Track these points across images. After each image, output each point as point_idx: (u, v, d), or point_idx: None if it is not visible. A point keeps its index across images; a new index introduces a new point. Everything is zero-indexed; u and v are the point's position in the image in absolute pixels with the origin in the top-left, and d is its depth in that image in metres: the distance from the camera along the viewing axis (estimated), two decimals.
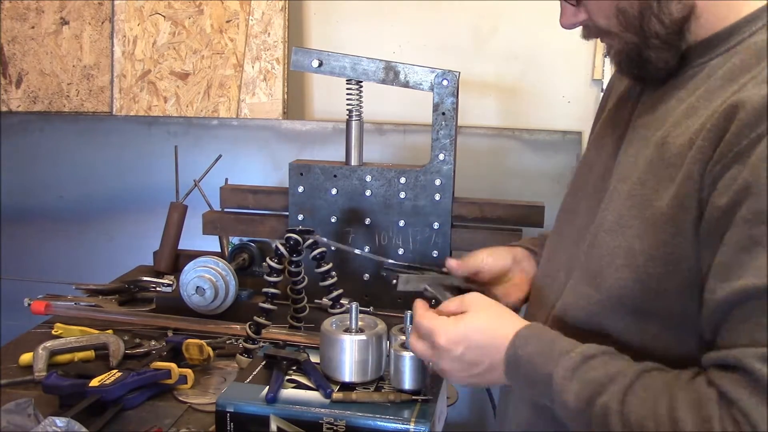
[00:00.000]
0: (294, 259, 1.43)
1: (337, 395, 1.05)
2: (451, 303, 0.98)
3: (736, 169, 0.75)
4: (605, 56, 2.14)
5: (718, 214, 0.76)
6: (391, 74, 1.58)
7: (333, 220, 1.66)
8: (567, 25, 0.94)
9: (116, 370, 1.24)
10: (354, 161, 1.65)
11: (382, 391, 1.08)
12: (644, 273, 0.84)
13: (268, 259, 1.40)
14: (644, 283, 0.84)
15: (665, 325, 0.85)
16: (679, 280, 0.82)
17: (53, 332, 1.47)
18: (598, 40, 0.96)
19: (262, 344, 1.36)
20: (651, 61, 0.88)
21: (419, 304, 1.00)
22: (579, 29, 0.96)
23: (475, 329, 0.92)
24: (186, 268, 1.56)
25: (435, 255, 1.62)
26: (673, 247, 0.81)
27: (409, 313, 1.11)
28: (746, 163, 0.74)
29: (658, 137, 0.87)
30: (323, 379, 1.09)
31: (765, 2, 0.85)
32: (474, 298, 0.97)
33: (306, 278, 1.47)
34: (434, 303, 1.02)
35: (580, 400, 0.82)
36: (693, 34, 0.87)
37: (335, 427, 1.02)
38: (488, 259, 1.13)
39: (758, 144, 0.74)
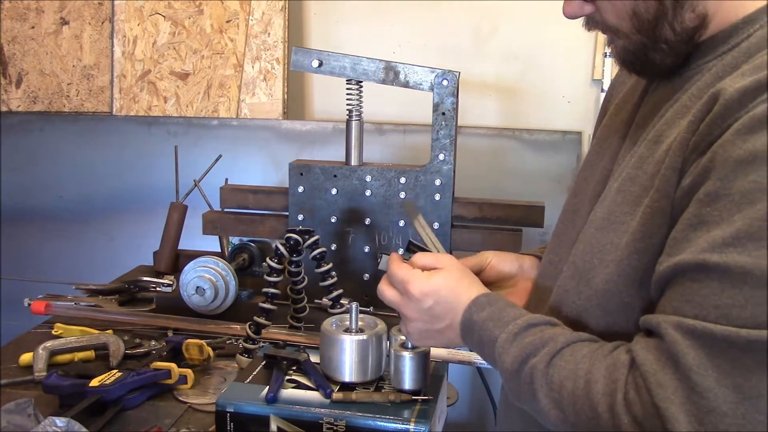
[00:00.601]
0: (294, 259, 1.43)
1: (337, 395, 1.05)
2: (425, 257, 1.01)
3: (704, 156, 0.77)
4: (606, 56, 2.12)
5: (681, 194, 0.79)
6: (391, 74, 1.58)
7: (333, 220, 1.66)
8: (570, 15, 0.93)
9: (116, 370, 1.24)
10: (354, 161, 1.65)
11: (382, 391, 1.08)
12: (628, 266, 0.85)
13: (268, 259, 1.41)
14: (628, 276, 0.85)
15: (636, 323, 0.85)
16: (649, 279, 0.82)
17: (53, 332, 1.47)
18: (598, 39, 0.96)
19: (262, 344, 1.36)
20: (656, 62, 0.89)
21: (395, 256, 1.04)
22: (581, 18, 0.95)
23: (445, 286, 0.96)
24: (186, 268, 1.56)
25: None
26: (657, 238, 0.82)
27: None
28: (711, 149, 0.76)
29: (652, 136, 0.88)
30: (323, 379, 1.10)
31: (763, 3, 0.85)
32: (447, 258, 1.00)
33: (306, 278, 1.47)
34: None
35: (514, 361, 0.86)
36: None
37: (335, 427, 1.02)
38: (494, 260, 1.14)
39: (726, 132, 0.75)
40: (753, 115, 0.74)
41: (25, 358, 1.35)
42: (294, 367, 1.15)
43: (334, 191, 1.65)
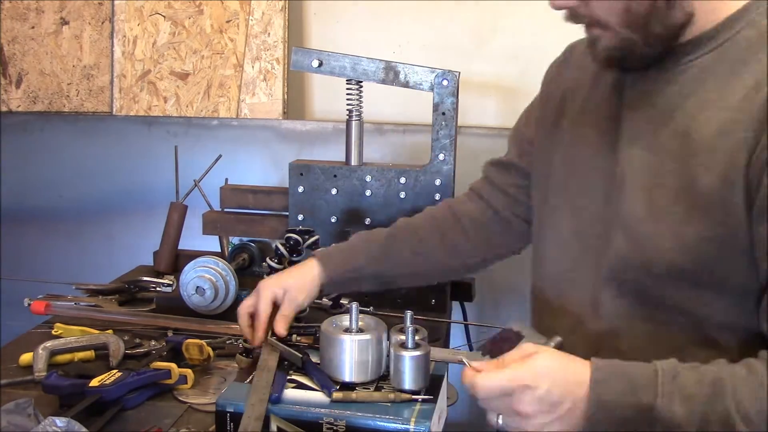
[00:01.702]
0: (294, 259, 1.43)
1: (336, 395, 1.05)
2: (511, 354, 0.89)
3: None
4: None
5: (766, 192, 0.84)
6: (391, 74, 1.58)
7: (333, 220, 1.66)
8: (558, 7, 0.94)
9: (116, 370, 1.23)
10: (354, 161, 1.65)
11: (382, 391, 1.08)
12: (696, 252, 0.89)
13: (268, 259, 1.41)
14: (697, 262, 0.89)
15: (720, 293, 0.91)
16: (733, 254, 0.88)
17: (53, 332, 1.47)
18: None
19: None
20: (641, 57, 0.93)
21: (468, 370, 0.90)
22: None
23: (553, 366, 0.86)
24: (186, 268, 1.56)
25: None
26: (725, 227, 0.87)
27: (409, 313, 1.11)
28: None
29: (674, 130, 0.92)
30: (326, 377, 1.09)
31: (743, 3, 0.92)
32: (531, 345, 0.90)
33: None
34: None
35: (691, 417, 0.82)
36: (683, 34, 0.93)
37: (335, 427, 1.02)
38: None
39: None
40: None
41: (25, 358, 1.35)
42: (295, 367, 1.15)
43: (334, 191, 1.65)
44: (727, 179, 0.86)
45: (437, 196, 1.61)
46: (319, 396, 1.07)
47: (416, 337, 1.09)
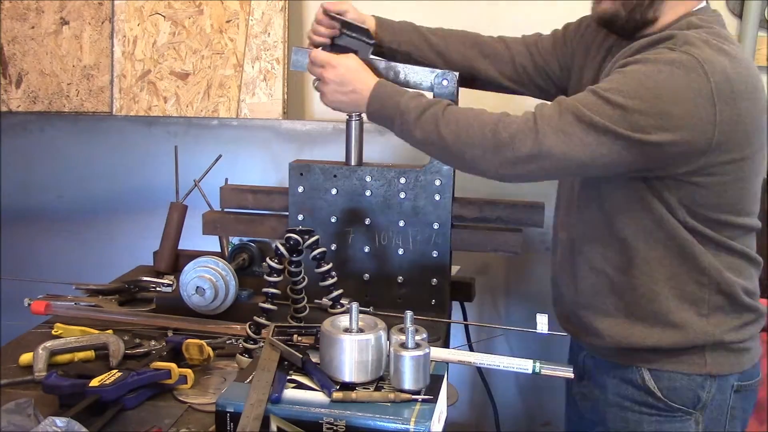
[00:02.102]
0: (294, 259, 1.43)
1: (336, 395, 1.05)
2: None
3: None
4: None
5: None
6: (391, 74, 1.58)
7: (333, 220, 1.66)
8: None
9: (116, 370, 1.23)
10: (354, 161, 1.65)
11: (382, 391, 1.08)
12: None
13: (268, 259, 1.41)
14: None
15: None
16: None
17: (53, 332, 1.47)
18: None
19: (261, 344, 1.36)
20: (620, 27, 1.37)
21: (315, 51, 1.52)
22: None
23: (356, 64, 1.48)
24: (186, 268, 1.56)
25: (435, 255, 1.63)
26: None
27: (409, 313, 1.11)
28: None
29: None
30: (326, 377, 1.09)
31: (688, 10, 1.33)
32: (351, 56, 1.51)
33: (306, 278, 1.47)
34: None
35: (417, 110, 1.36)
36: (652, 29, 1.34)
37: (335, 427, 1.02)
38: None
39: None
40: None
41: (25, 358, 1.35)
42: (295, 367, 1.15)
43: (334, 191, 1.65)
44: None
45: (437, 197, 1.61)
46: (319, 396, 1.07)
47: (416, 337, 1.09)
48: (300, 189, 1.66)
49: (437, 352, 1.29)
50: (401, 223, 1.63)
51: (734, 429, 1.38)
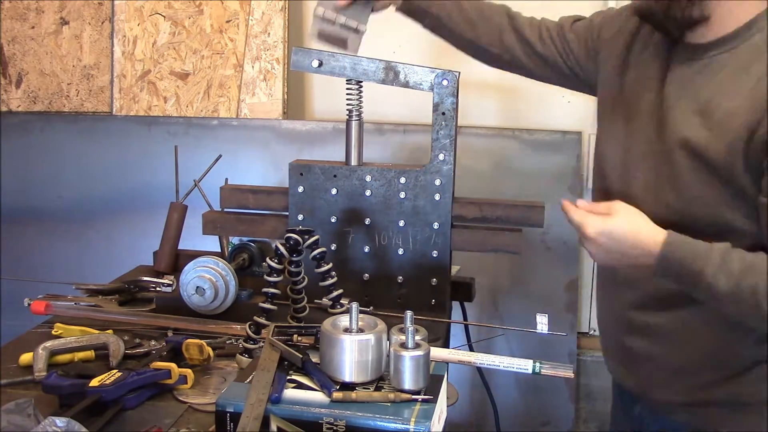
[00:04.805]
0: (294, 259, 1.43)
1: (336, 395, 1.05)
2: (599, 206, 1.26)
3: None
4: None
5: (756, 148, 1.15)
6: (391, 74, 1.58)
7: (333, 220, 1.66)
8: None
9: (116, 370, 1.23)
10: (354, 161, 1.65)
11: (382, 391, 1.08)
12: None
13: (268, 259, 1.40)
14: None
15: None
16: (735, 201, 1.19)
17: (53, 332, 1.47)
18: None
19: (261, 344, 1.36)
20: (657, 23, 1.28)
21: (567, 203, 1.28)
22: None
23: (618, 229, 1.21)
24: (186, 268, 1.56)
25: (435, 255, 1.63)
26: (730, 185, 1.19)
27: (409, 313, 1.11)
28: None
29: (701, 102, 1.23)
30: (326, 377, 1.09)
31: (758, 11, 1.21)
32: (621, 205, 1.24)
33: (306, 278, 1.47)
34: None
35: (727, 287, 1.13)
36: (710, 33, 1.24)
37: (335, 427, 1.02)
38: None
39: None
40: None
41: (25, 358, 1.35)
42: (295, 367, 1.15)
43: (334, 191, 1.65)
44: (732, 149, 1.16)
45: (437, 197, 1.61)
46: (319, 396, 1.07)
47: (416, 337, 1.09)
48: (300, 189, 1.66)
49: (437, 352, 1.29)
50: (401, 223, 1.63)
51: None
